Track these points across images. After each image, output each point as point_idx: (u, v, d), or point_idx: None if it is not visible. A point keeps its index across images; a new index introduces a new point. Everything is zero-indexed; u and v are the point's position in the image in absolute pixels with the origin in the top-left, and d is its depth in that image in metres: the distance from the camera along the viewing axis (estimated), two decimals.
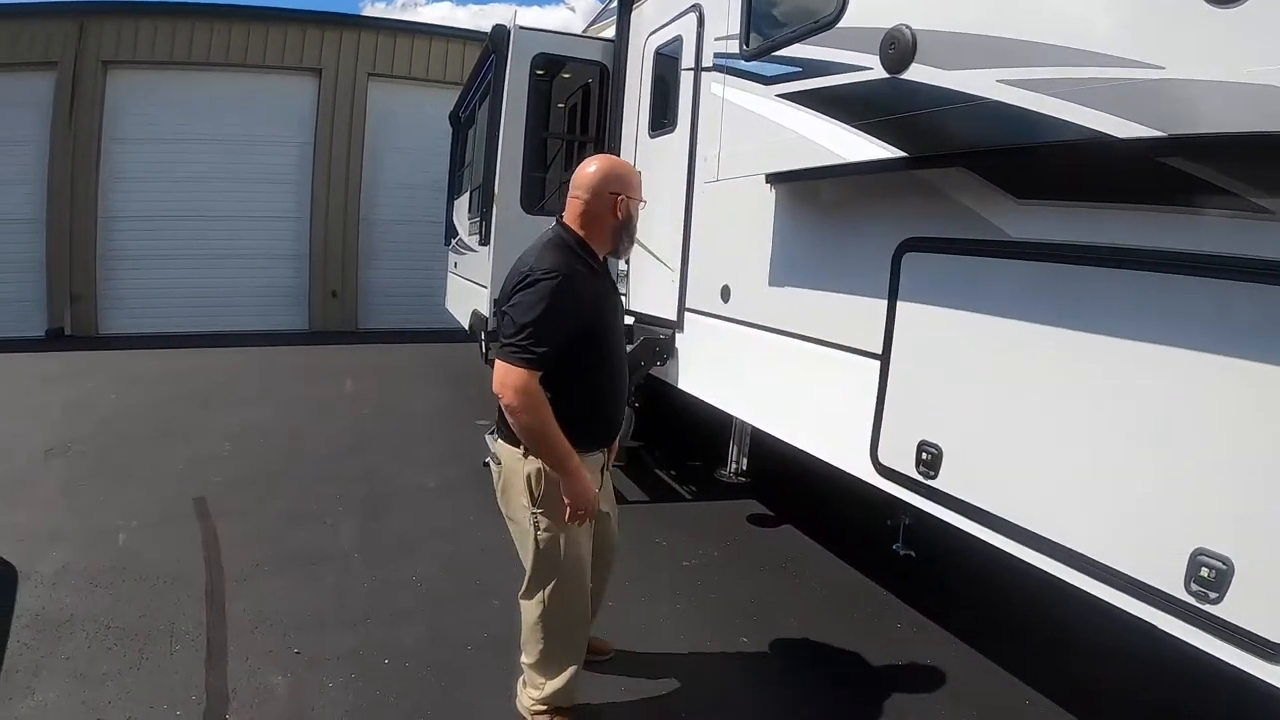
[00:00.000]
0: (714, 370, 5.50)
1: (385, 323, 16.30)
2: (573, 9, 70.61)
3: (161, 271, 15.21)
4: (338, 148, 15.97)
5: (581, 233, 2.91)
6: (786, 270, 4.48)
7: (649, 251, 6.49)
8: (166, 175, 15.13)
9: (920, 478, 3.27)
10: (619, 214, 2.90)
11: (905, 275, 3.45)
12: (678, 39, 6.21)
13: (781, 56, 3.98)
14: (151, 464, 6.83)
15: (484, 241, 7.71)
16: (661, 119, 6.47)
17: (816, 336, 4.10)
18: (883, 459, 3.52)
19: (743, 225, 4.95)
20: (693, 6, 6.02)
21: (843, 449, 3.81)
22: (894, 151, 3.06)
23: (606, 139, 7.68)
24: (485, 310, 7.59)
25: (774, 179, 4.40)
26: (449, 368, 12.34)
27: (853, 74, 3.32)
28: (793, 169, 3.93)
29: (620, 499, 6.18)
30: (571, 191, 2.97)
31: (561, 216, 2.99)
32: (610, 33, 8.00)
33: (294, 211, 15.94)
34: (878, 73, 3.13)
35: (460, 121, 12.59)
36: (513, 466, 2.86)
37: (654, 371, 6.10)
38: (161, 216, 15.17)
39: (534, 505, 2.82)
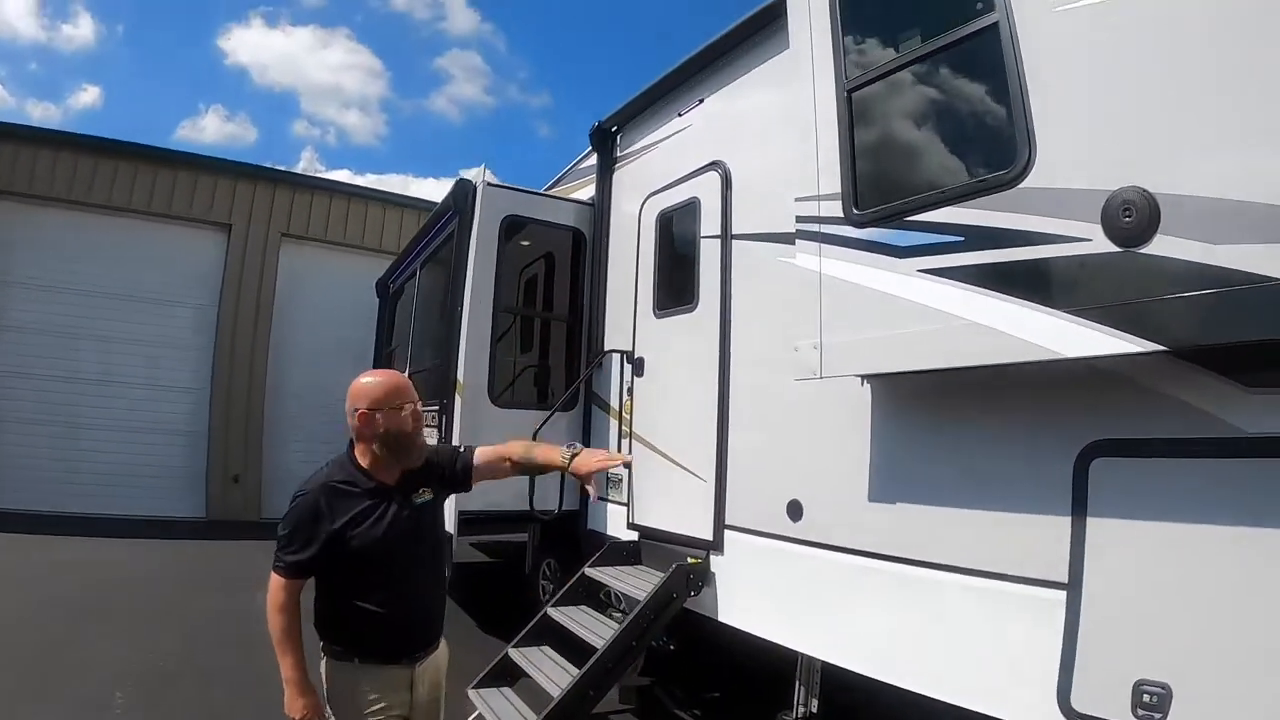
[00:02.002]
0: (780, 604, 4.50)
1: None
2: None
3: (33, 440, 13.05)
4: (244, 312, 14.58)
5: (355, 451, 2.99)
6: (897, 483, 3.77)
7: (660, 453, 5.55)
8: (45, 328, 13.19)
9: None
10: (366, 430, 2.92)
11: (1097, 485, 2.92)
12: (692, 202, 5.48)
13: (923, 223, 3.23)
14: None
15: (443, 439, 6.57)
16: (674, 295, 5.64)
17: (958, 565, 3.42)
18: (1079, 706, 2.91)
19: (820, 427, 4.21)
20: (712, 164, 5.34)
21: (1011, 697, 3.17)
22: (1142, 344, 2.49)
23: (586, 317, 6.82)
24: (448, 524, 6.34)
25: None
26: None
27: (1056, 246, 2.75)
28: (973, 365, 3.11)
29: None
30: None
31: None
32: (584, 194, 7.28)
33: (191, 381, 14.33)
34: (1101, 244, 2.60)
35: (389, 291, 11.67)
36: (322, 669, 2.95)
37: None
38: (36, 375, 13.17)
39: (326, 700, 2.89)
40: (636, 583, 5.16)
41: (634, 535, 5.82)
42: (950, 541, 3.46)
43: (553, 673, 4.89)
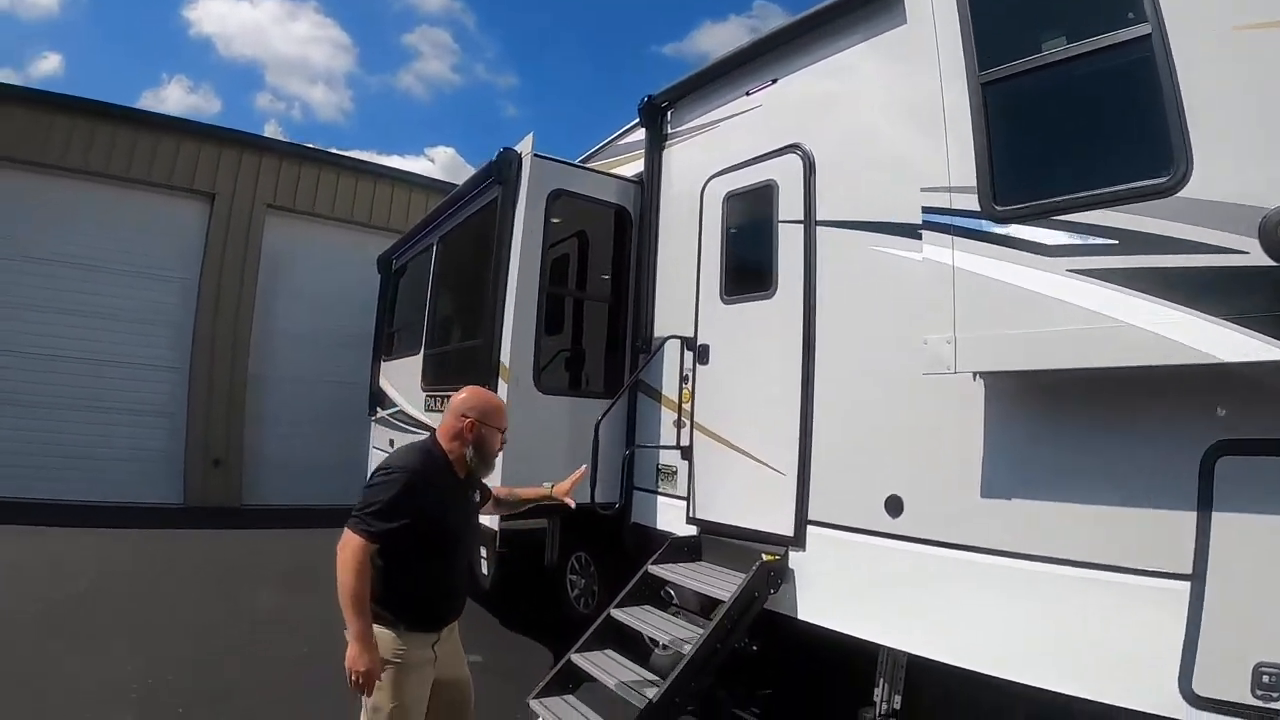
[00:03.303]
0: (874, 600, 4.53)
1: (276, 499, 14.11)
2: (432, 160, 71.99)
3: (1, 420, 12.61)
4: (227, 286, 14.12)
5: (444, 446, 3.51)
6: (1014, 479, 3.86)
7: (728, 445, 5.54)
8: (17, 300, 12.74)
9: (1259, 703, 2.97)
10: (468, 435, 3.49)
11: (1223, 482, 3.14)
12: (768, 185, 5.46)
13: (1074, 223, 3.35)
14: None
15: None
16: (747, 281, 5.63)
17: (1077, 559, 3.56)
18: (1200, 690, 3.13)
19: (924, 422, 4.28)
20: (791, 146, 5.32)
21: (1132, 685, 3.34)
22: None
23: (633, 298, 6.79)
24: (491, 521, 6.23)
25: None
26: None
27: (1212, 256, 2.96)
28: (1126, 365, 3.21)
29: None
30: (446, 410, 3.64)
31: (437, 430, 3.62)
32: (627, 170, 7.21)
33: (170, 359, 13.85)
34: (1258, 257, 2.81)
35: (391, 267, 11.51)
36: (348, 634, 3.28)
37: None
38: (5, 351, 12.69)
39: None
40: (711, 581, 5.16)
41: (692, 530, 5.80)
42: (1069, 536, 3.58)
43: (628, 679, 4.86)
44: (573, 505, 4.28)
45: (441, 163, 66.21)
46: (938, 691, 4.67)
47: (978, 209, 3.65)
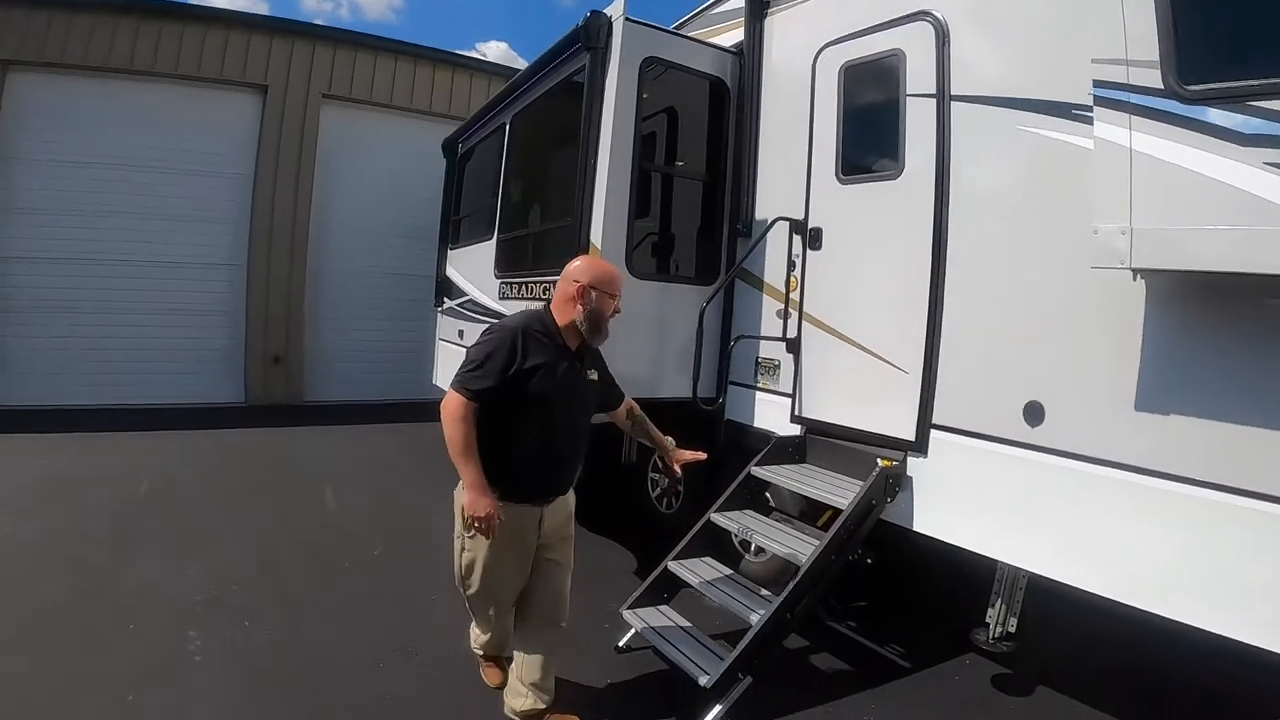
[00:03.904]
0: (1002, 515, 4.25)
1: (336, 394, 14.39)
2: (484, 55, 70.94)
3: (63, 327, 12.69)
4: (284, 180, 14.04)
5: (554, 313, 3.58)
6: (1175, 393, 3.56)
7: (843, 338, 5.24)
8: (73, 206, 12.66)
9: None
10: (579, 300, 3.52)
11: None
12: (894, 55, 5.03)
13: (1272, 110, 2.92)
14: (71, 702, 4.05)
15: None
16: (868, 160, 5.24)
17: (1242, 487, 3.28)
18: None
19: (1072, 324, 3.96)
20: (920, 13, 4.87)
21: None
22: None
23: (731, 177, 6.45)
24: None
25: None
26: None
27: None
28: None
29: (824, 680, 4.81)
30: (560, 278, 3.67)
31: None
32: (723, 40, 6.74)
33: (228, 257, 13.89)
34: None
35: (457, 152, 11.16)
36: (455, 494, 3.57)
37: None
38: (65, 258, 12.71)
39: (464, 529, 3.50)
40: (821, 486, 4.92)
41: (796, 429, 5.54)
42: (1236, 461, 3.31)
43: (732, 590, 4.69)
44: (679, 474, 4.18)
45: (494, 57, 65.30)
46: (1056, 617, 4.61)
47: (1161, 87, 3.23)
